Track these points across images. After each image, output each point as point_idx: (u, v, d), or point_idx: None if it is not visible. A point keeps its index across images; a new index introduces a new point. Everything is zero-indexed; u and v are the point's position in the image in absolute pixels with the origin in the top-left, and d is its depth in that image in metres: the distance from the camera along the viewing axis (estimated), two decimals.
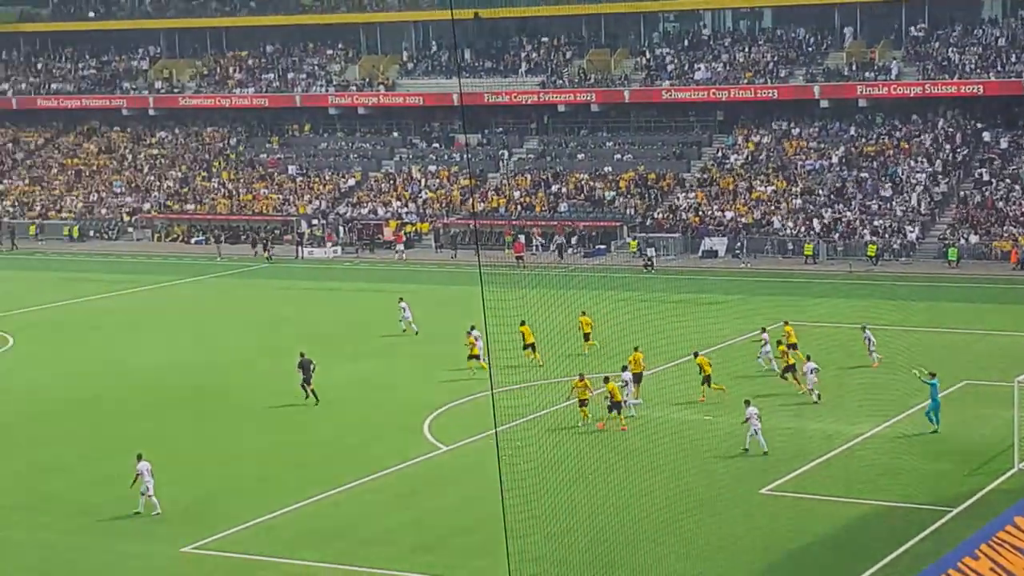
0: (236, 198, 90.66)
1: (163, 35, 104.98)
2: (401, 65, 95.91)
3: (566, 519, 31.44)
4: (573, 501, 32.56)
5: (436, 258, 79.40)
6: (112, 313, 64.36)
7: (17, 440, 42.52)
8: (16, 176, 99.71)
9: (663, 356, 46.60)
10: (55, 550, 32.48)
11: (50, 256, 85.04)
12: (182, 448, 40.91)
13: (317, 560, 31.03)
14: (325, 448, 40.48)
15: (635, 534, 31.13)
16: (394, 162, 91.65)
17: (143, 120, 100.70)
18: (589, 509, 32.40)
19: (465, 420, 42.38)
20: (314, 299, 67.10)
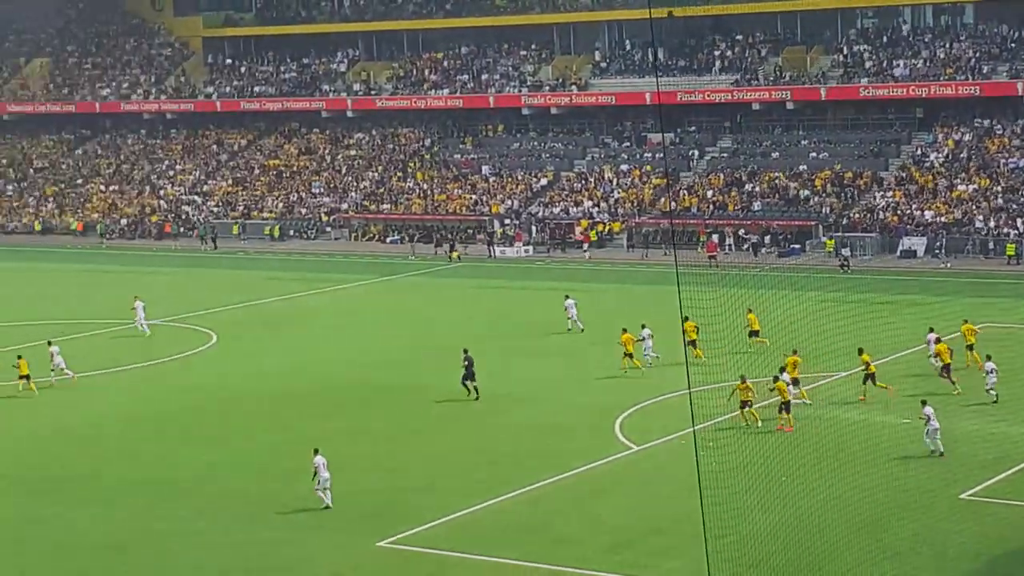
0: (430, 198, 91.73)
1: (361, 38, 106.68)
2: (594, 65, 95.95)
3: (759, 521, 31.11)
4: (766, 502, 32.20)
5: (627, 257, 79.22)
6: (310, 311, 65.63)
7: (215, 435, 43.59)
8: (220, 177, 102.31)
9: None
10: (250, 545, 33.18)
11: (251, 255, 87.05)
12: (375, 444, 41.55)
13: (509, 558, 31.22)
14: (516, 446, 40.69)
15: (833, 536, 30.63)
16: (586, 161, 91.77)
17: (341, 122, 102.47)
18: (782, 510, 32.00)
19: (657, 420, 42.22)
20: (504, 298, 67.50)
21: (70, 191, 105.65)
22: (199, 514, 35.32)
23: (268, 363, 53.41)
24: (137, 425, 44.91)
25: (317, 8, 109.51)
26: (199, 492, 37.30)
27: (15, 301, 71.15)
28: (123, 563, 32.38)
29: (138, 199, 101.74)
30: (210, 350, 56.88)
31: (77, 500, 36.95)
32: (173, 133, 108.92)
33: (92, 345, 58.75)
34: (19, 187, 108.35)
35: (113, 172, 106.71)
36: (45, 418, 46.25)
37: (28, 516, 35.83)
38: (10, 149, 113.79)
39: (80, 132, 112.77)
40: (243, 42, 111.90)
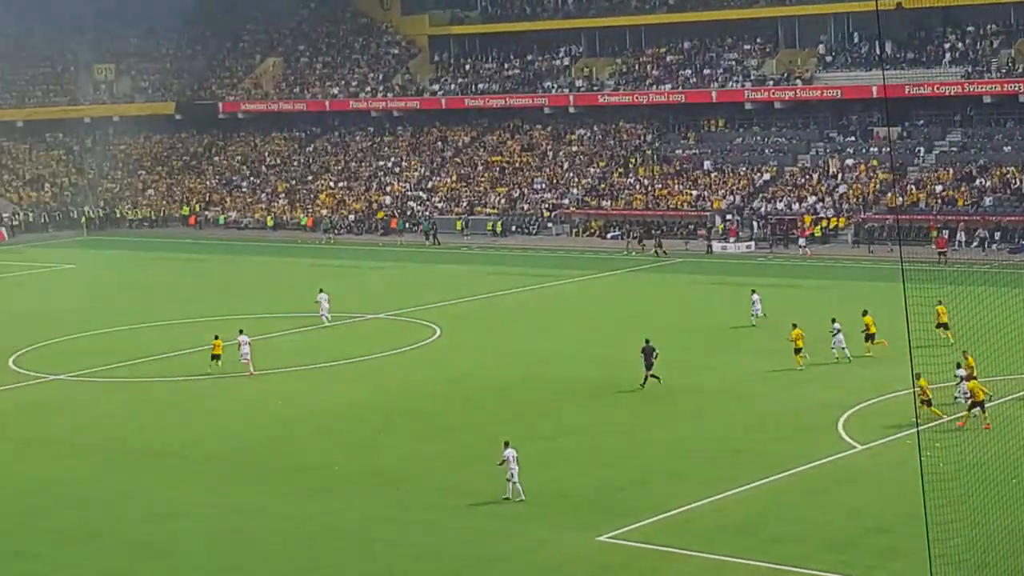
0: (651, 194, 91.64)
1: (584, 34, 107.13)
2: (819, 58, 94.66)
3: (987, 524, 30.40)
4: (993, 505, 31.43)
5: (851, 253, 77.99)
6: (531, 305, 66.25)
7: (438, 427, 44.35)
8: (444, 173, 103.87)
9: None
10: (474, 533, 33.76)
11: (474, 250, 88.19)
12: (592, 439, 41.79)
13: (727, 555, 31.14)
14: (734, 443, 40.50)
15: None
16: (810, 156, 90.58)
17: (563, 118, 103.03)
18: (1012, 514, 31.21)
19: (882, 419, 41.59)
20: (721, 295, 67.06)
21: (300, 187, 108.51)
22: (424, 504, 36.03)
23: (489, 357, 54.12)
24: (363, 417, 45.98)
25: (541, 5, 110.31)
26: (424, 482, 38.03)
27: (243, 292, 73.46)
28: (351, 549, 33.24)
29: (365, 195, 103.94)
30: (434, 343, 57.86)
31: (307, 490, 38.01)
32: (399, 130, 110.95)
33: (318, 337, 60.31)
34: (252, 184, 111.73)
35: (341, 169, 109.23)
36: (274, 409, 47.61)
37: (261, 505, 37.00)
38: (244, 147, 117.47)
39: (310, 130, 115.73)
40: (468, 40, 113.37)
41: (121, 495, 38.31)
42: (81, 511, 37.07)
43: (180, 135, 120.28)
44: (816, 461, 37.94)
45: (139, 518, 36.17)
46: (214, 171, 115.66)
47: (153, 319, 66.34)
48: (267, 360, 55.12)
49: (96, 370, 54.89)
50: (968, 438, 37.09)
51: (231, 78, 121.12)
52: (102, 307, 70.58)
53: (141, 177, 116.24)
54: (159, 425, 46.14)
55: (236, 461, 41.24)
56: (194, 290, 74.91)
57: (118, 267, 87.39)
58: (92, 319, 66.60)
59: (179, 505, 37.08)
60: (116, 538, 34.76)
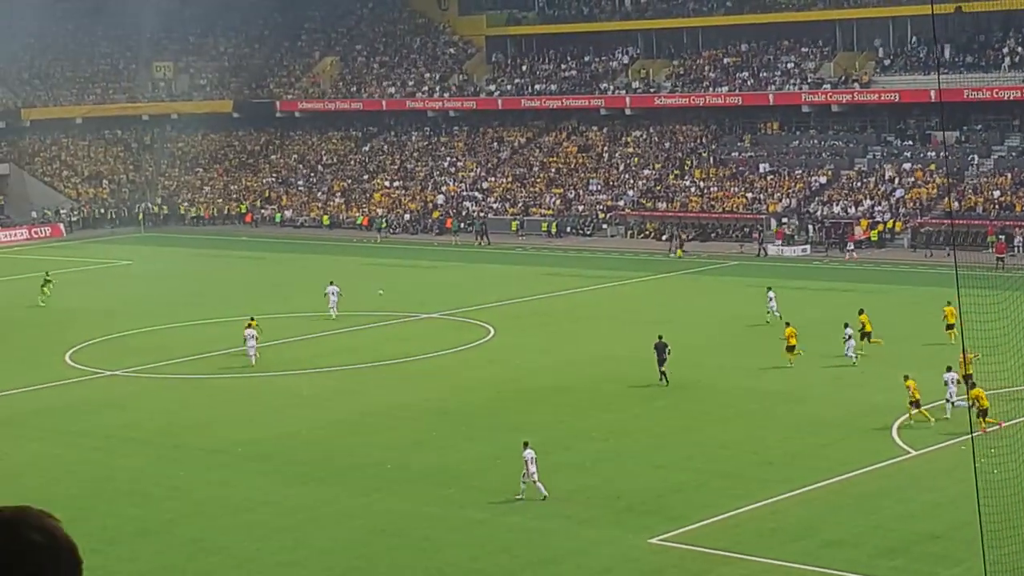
0: (707, 196, 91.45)
1: (641, 36, 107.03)
2: (877, 62, 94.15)
3: None
4: None
5: (908, 258, 77.51)
6: (585, 307, 66.23)
7: (491, 426, 44.44)
8: (500, 174, 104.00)
9: None
10: (527, 533, 33.81)
11: (528, 251, 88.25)
12: (645, 440, 41.79)
13: (779, 559, 31.07)
14: (788, 446, 40.40)
15: None
16: (867, 160, 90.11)
17: (620, 119, 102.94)
18: None
19: (936, 424, 41.34)
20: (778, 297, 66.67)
21: (356, 187, 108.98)
22: (474, 503, 36.13)
23: (543, 358, 54.16)
24: (416, 416, 46.13)
25: (598, 7, 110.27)
26: (474, 481, 38.13)
27: (298, 290, 73.84)
28: (404, 548, 33.38)
29: (420, 195, 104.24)
30: (488, 344, 57.96)
31: (361, 488, 38.20)
32: (455, 130, 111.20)
33: (373, 337, 60.55)
34: (309, 182, 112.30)
35: (397, 168, 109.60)
36: (328, 407, 47.89)
37: (314, 503, 37.21)
38: (300, 145, 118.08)
39: (367, 129, 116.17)
40: (524, 40, 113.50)
41: (176, 491, 38.62)
42: (136, 506, 37.40)
43: (237, 133, 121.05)
44: (870, 466, 37.78)
45: (192, 514, 36.45)
46: (271, 169, 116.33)
47: (209, 316, 66.81)
48: (320, 359, 55.45)
49: (152, 366, 55.36)
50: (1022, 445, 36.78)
51: (288, 77, 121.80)
52: (158, 304, 71.08)
53: (198, 174, 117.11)
54: (214, 422, 46.47)
55: (290, 458, 41.46)
56: (249, 287, 75.35)
57: (175, 264, 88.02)
58: (148, 315, 67.10)
59: (232, 501, 37.35)
60: (171, 534, 35.03)
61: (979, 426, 39.46)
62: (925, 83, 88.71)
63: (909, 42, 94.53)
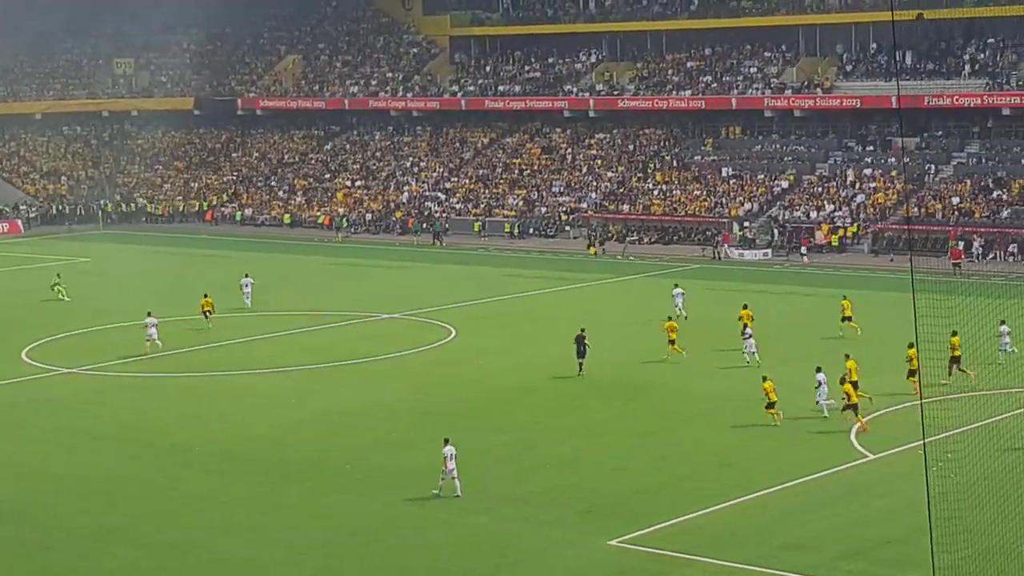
0: (669, 199, 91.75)
1: (605, 38, 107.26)
2: (839, 67, 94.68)
3: (995, 537, 30.46)
4: (1009, 517, 31.49)
5: (869, 263, 77.96)
6: (548, 308, 66.30)
7: (454, 428, 44.41)
8: (463, 175, 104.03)
9: None
10: (489, 534, 33.92)
11: (491, 252, 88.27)
12: (611, 441, 41.94)
13: (737, 561, 31.25)
14: (748, 450, 40.62)
15: None
16: (828, 165, 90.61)
17: (583, 121, 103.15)
18: (1020, 527, 31.30)
19: (895, 429, 41.66)
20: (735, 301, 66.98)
21: (318, 186, 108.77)
22: (438, 505, 36.16)
23: (505, 359, 54.25)
24: (379, 416, 46.09)
25: (563, 9, 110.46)
26: (435, 483, 38.14)
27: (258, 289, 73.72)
28: (368, 548, 33.39)
29: (383, 195, 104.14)
30: (449, 344, 57.99)
31: (323, 488, 38.18)
32: (418, 130, 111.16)
33: (334, 337, 60.49)
34: (270, 181, 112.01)
35: (359, 168, 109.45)
36: (289, 407, 47.80)
37: (281, 503, 37.18)
38: (262, 144, 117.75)
39: (329, 128, 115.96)
40: (489, 41, 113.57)
41: (137, 489, 38.50)
42: (97, 504, 37.27)
43: (198, 131, 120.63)
44: (829, 470, 38.04)
45: (155, 513, 36.36)
46: (232, 167, 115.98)
47: (167, 314, 66.49)
48: (282, 358, 55.37)
49: (110, 364, 55.15)
50: (979, 451, 37.09)
51: (251, 75, 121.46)
52: (116, 301, 70.79)
53: (158, 172, 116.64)
54: (173, 420, 46.35)
55: (252, 457, 41.40)
56: (208, 286, 74.92)
57: (133, 261, 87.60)
58: (106, 313, 66.85)
59: (199, 501, 37.26)
60: (133, 532, 34.94)
61: (848, 419, 41.45)
62: (886, 89, 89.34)
63: (871, 48, 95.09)
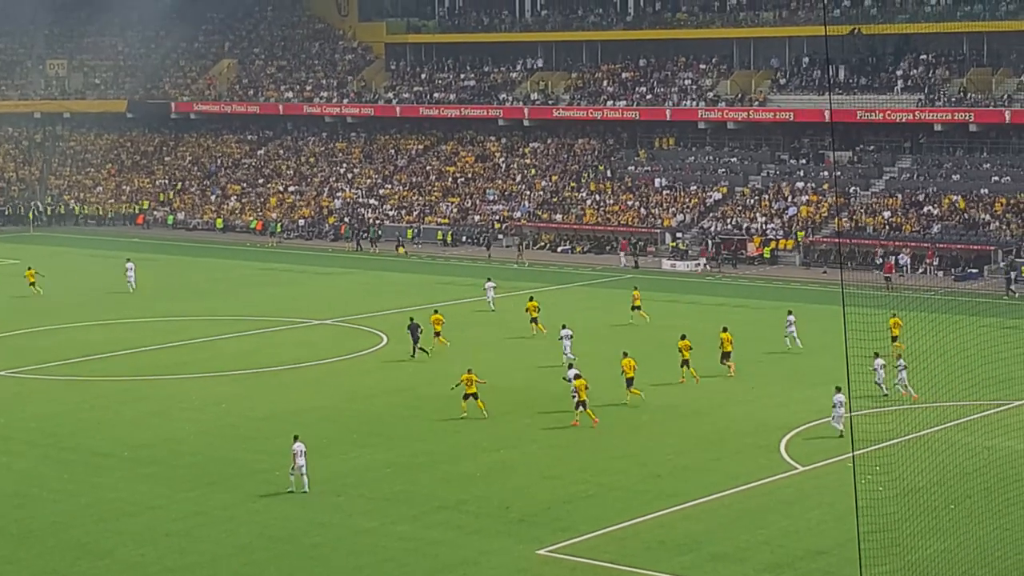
0: (603, 209, 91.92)
1: (540, 47, 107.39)
2: (773, 80, 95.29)
3: (922, 549, 30.65)
4: (936, 530, 31.70)
5: (800, 275, 78.42)
6: (479, 317, 66.17)
7: (384, 435, 44.31)
8: (397, 181, 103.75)
9: None
10: (416, 542, 33.74)
11: (424, 259, 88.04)
12: (540, 450, 41.88)
13: (667, 571, 31.26)
14: (678, 460, 40.70)
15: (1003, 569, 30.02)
16: (761, 177, 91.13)
17: (518, 130, 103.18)
18: (947, 539, 31.51)
19: (824, 441, 41.86)
20: (673, 312, 67.31)
21: (251, 190, 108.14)
22: (365, 514, 35.96)
23: (435, 366, 54.06)
24: (308, 423, 45.76)
25: (499, 17, 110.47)
26: (367, 490, 37.95)
27: (188, 294, 73.20)
28: (292, 555, 33.15)
29: (316, 200, 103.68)
30: (380, 351, 57.78)
31: (249, 494, 37.87)
32: (352, 136, 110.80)
33: (264, 342, 60.13)
34: (202, 185, 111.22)
35: (293, 173, 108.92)
36: (217, 412, 47.44)
37: (202, 508, 36.82)
38: (195, 147, 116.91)
39: (263, 133, 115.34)
40: (424, 49, 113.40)
41: (60, 493, 38.05)
42: (18, 508, 36.80)
43: (131, 133, 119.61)
44: (758, 481, 38.16)
45: (78, 517, 35.94)
46: (164, 171, 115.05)
47: (96, 318, 65.96)
48: (211, 363, 54.93)
49: (38, 367, 54.51)
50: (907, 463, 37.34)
51: (185, 78, 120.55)
52: (45, 304, 70.05)
53: (90, 174, 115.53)
54: (101, 424, 45.90)
55: (177, 463, 41.01)
56: (138, 290, 74.40)
57: (63, 264, 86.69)
58: (34, 316, 66.11)
59: (119, 506, 36.86)
60: (55, 537, 34.51)
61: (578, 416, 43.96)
62: (819, 103, 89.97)
63: (805, 62, 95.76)
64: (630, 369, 47.30)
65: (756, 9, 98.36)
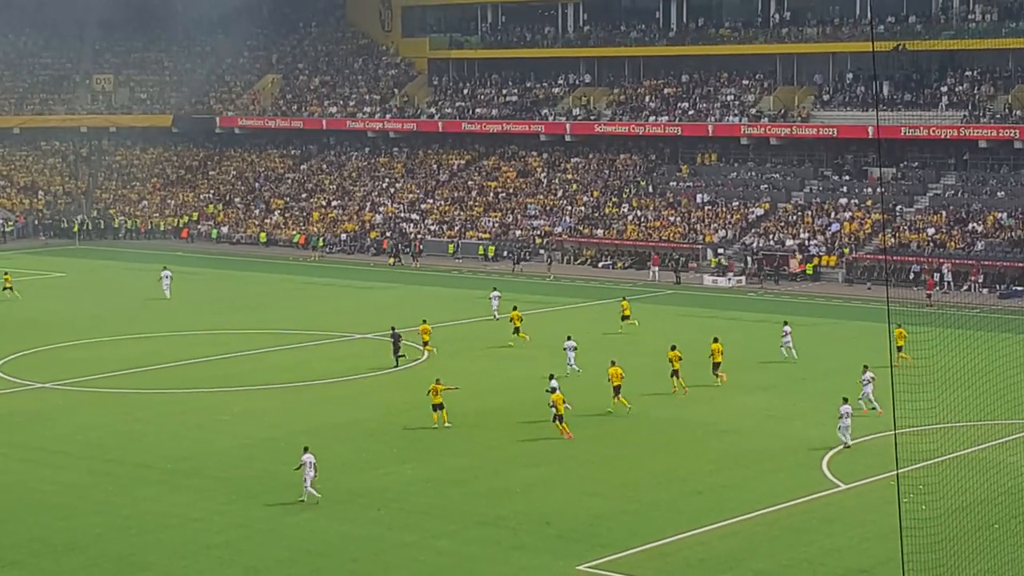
0: (644, 224, 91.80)
1: (583, 63, 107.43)
2: (816, 96, 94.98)
3: (967, 568, 30.40)
4: (980, 551, 31.45)
5: (843, 292, 78.06)
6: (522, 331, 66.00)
7: (424, 449, 44.32)
8: (439, 196, 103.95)
9: None
10: (455, 557, 33.71)
11: (464, 274, 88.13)
12: (581, 466, 41.80)
13: None
14: (719, 477, 40.51)
15: None
16: (804, 193, 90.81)
17: (559, 145, 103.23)
18: (992, 559, 31.26)
19: (868, 459, 41.63)
20: (714, 328, 67.04)
21: (294, 205, 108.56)
22: (405, 528, 35.96)
23: (476, 381, 54.03)
24: (348, 436, 45.87)
25: (541, 33, 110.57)
26: (407, 504, 37.97)
27: (231, 307, 73.53)
28: (332, 568, 33.19)
29: (358, 215, 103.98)
30: (421, 365, 57.82)
31: (290, 507, 37.93)
32: (395, 152, 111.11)
33: (305, 355, 60.29)
34: (246, 199, 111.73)
35: (336, 188, 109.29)
36: (258, 426, 47.59)
37: (243, 521, 36.92)
38: (239, 162, 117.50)
39: (306, 147, 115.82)
40: (467, 64, 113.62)
41: (103, 505, 38.23)
42: (62, 520, 36.98)
43: (176, 148, 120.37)
44: (800, 498, 37.96)
45: (120, 529, 36.07)
46: (208, 185, 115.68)
47: (140, 331, 66.31)
48: (253, 376, 55.11)
49: (82, 379, 54.83)
50: (951, 482, 37.09)
51: (229, 93, 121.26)
52: (90, 317, 70.54)
53: (135, 188, 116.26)
54: (144, 437, 46.08)
55: (220, 476, 41.13)
56: (182, 303, 74.83)
57: (108, 277, 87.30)
58: (80, 328, 66.57)
59: (160, 518, 36.98)
60: (97, 549, 34.66)
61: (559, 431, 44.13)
62: (863, 119, 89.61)
63: (849, 78, 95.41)
64: (617, 378, 48.25)
65: (799, 25, 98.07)
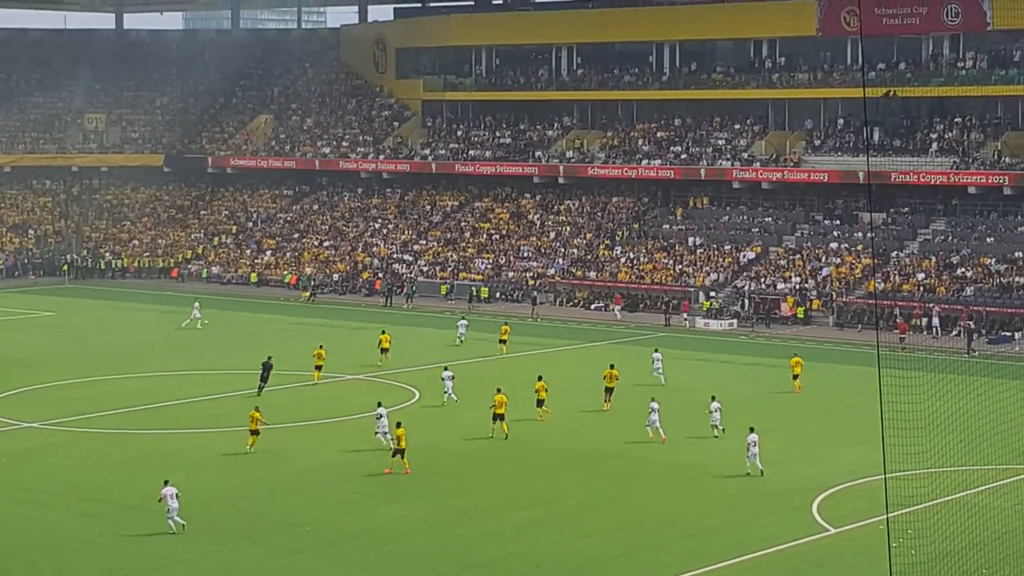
0: (636, 267, 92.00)
1: (576, 106, 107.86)
2: (807, 142, 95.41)
3: None
4: None
5: (833, 336, 78.23)
6: (512, 372, 66.08)
7: (419, 489, 44.26)
8: (431, 237, 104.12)
9: None
10: None
11: (457, 315, 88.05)
12: (572, 508, 41.75)
13: None
14: (710, 521, 40.49)
15: None
16: (795, 238, 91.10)
17: (553, 188, 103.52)
18: None
19: (858, 503, 41.65)
20: (705, 371, 67.22)
21: (286, 245, 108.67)
22: (396, 570, 35.90)
23: (467, 422, 54.05)
24: (338, 478, 45.82)
25: (534, 76, 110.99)
26: (395, 547, 37.90)
27: (220, 347, 73.50)
28: None
29: (351, 256, 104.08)
30: (412, 407, 57.78)
31: (278, 550, 37.86)
32: (388, 192, 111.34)
33: (295, 396, 60.26)
34: (238, 239, 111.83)
35: (328, 228, 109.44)
36: (249, 466, 47.51)
37: (234, 563, 36.82)
38: (231, 202, 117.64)
39: (299, 188, 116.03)
40: (461, 106, 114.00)
41: (92, 546, 38.12)
42: (51, 560, 36.86)
43: (167, 187, 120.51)
44: (789, 543, 37.95)
45: (109, 571, 35.97)
46: (200, 225, 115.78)
47: (129, 371, 66.26)
48: (242, 417, 55.00)
49: (70, 419, 54.72)
50: (940, 527, 37.10)
51: (222, 133, 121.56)
52: (79, 356, 70.47)
53: (126, 227, 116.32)
54: (133, 477, 45.96)
55: (207, 517, 41.00)
56: (171, 343, 74.80)
57: (98, 316, 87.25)
58: (68, 368, 66.49)
59: (150, 559, 36.88)
60: None
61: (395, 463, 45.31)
62: (854, 164, 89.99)
63: (840, 124, 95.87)
64: (542, 391, 54.10)
65: (791, 71, 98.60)
